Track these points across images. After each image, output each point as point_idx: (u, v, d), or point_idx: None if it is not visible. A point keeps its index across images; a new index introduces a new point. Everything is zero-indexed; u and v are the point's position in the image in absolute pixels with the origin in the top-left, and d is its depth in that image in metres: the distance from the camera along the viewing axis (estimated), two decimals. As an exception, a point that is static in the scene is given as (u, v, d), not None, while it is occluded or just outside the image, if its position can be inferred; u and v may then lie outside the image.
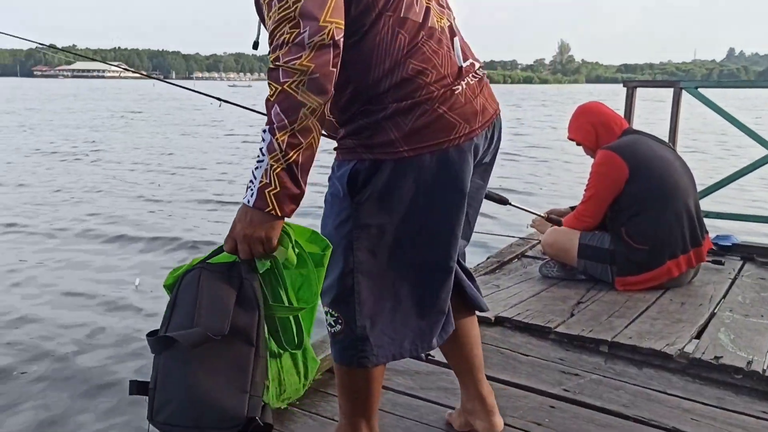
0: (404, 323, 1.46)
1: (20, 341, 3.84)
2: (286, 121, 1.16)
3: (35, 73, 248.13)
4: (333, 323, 1.45)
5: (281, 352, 1.41)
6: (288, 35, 1.16)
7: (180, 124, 23.39)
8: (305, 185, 1.22)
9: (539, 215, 3.34)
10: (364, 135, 1.34)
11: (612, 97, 10.84)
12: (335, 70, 1.19)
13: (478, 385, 1.72)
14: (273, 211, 1.19)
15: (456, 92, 1.35)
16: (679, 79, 4.57)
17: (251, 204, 1.20)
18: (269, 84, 1.17)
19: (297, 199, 1.22)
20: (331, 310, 1.44)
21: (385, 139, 1.32)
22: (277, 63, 1.16)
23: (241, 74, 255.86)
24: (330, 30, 1.16)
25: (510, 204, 3.04)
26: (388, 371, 1.94)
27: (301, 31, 1.15)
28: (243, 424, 1.19)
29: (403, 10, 1.31)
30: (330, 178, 1.44)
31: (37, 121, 23.38)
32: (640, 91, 4.17)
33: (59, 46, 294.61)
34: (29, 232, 6.68)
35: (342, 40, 1.20)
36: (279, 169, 1.17)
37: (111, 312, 4.39)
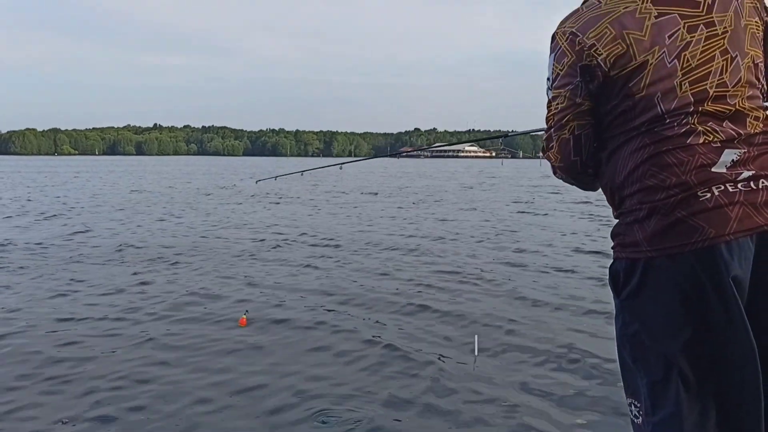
0: None
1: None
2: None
3: (401, 153, 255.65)
4: (636, 414, 1.48)
5: None
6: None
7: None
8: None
9: None
10: (621, 236, 1.47)
11: None
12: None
13: None
14: None
15: (701, 198, 1.36)
16: None
17: None
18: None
19: None
20: (633, 401, 1.49)
21: (633, 240, 1.43)
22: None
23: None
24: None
25: None
26: None
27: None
28: None
29: (658, 128, 1.42)
30: None
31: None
32: None
33: (422, 129, 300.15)
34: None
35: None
36: None
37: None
